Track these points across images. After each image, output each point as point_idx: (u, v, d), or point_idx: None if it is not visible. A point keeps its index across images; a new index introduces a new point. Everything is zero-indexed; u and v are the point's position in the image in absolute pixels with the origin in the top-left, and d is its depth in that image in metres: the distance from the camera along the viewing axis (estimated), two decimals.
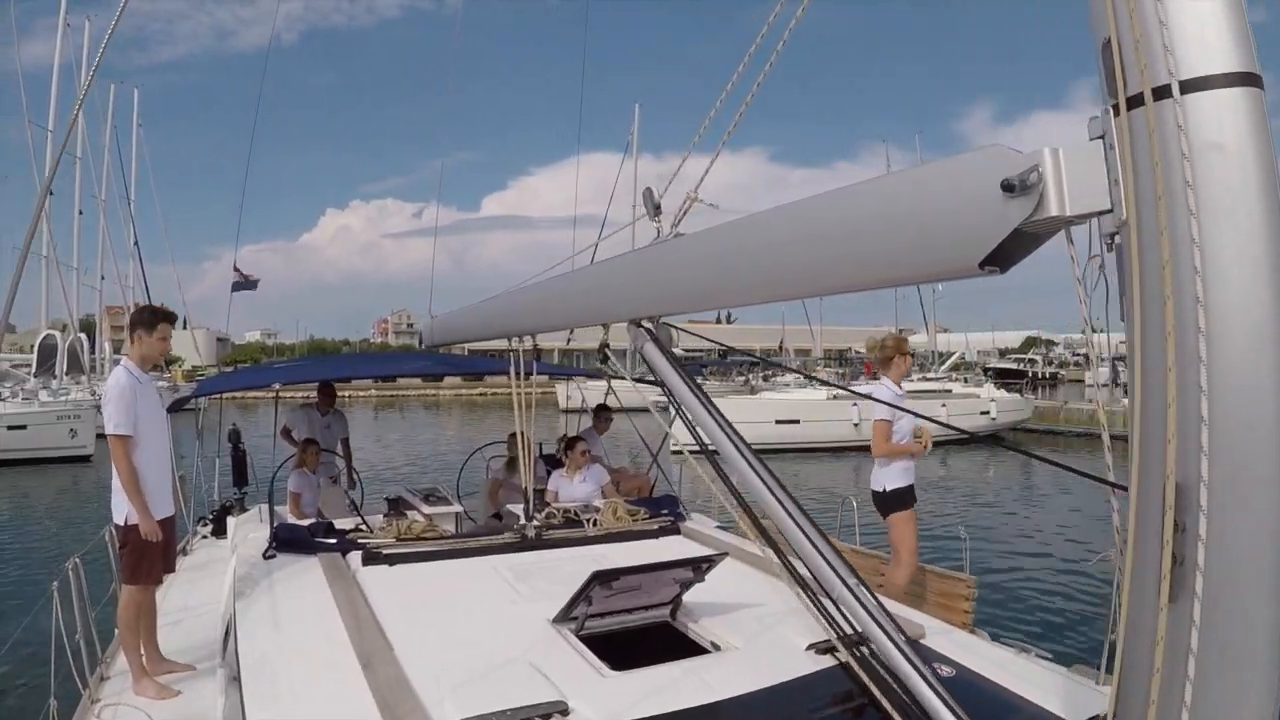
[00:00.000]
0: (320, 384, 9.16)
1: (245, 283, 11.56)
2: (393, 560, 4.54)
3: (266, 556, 4.75)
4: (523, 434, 6.40)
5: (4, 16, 27.64)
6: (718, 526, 5.86)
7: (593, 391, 10.28)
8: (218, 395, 9.44)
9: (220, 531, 7.53)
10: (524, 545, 4.85)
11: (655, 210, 2.70)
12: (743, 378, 33.32)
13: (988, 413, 30.79)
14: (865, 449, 7.28)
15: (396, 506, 6.33)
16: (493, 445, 9.44)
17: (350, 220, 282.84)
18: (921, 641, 3.35)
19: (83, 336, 33.31)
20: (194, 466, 8.91)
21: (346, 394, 52.81)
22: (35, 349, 31.55)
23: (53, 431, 24.71)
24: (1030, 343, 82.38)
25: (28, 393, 26.72)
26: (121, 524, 4.50)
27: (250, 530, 6.12)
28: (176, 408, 6.98)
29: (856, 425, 28.24)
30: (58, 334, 31.51)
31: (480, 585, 4.19)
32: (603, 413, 9.09)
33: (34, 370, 30.47)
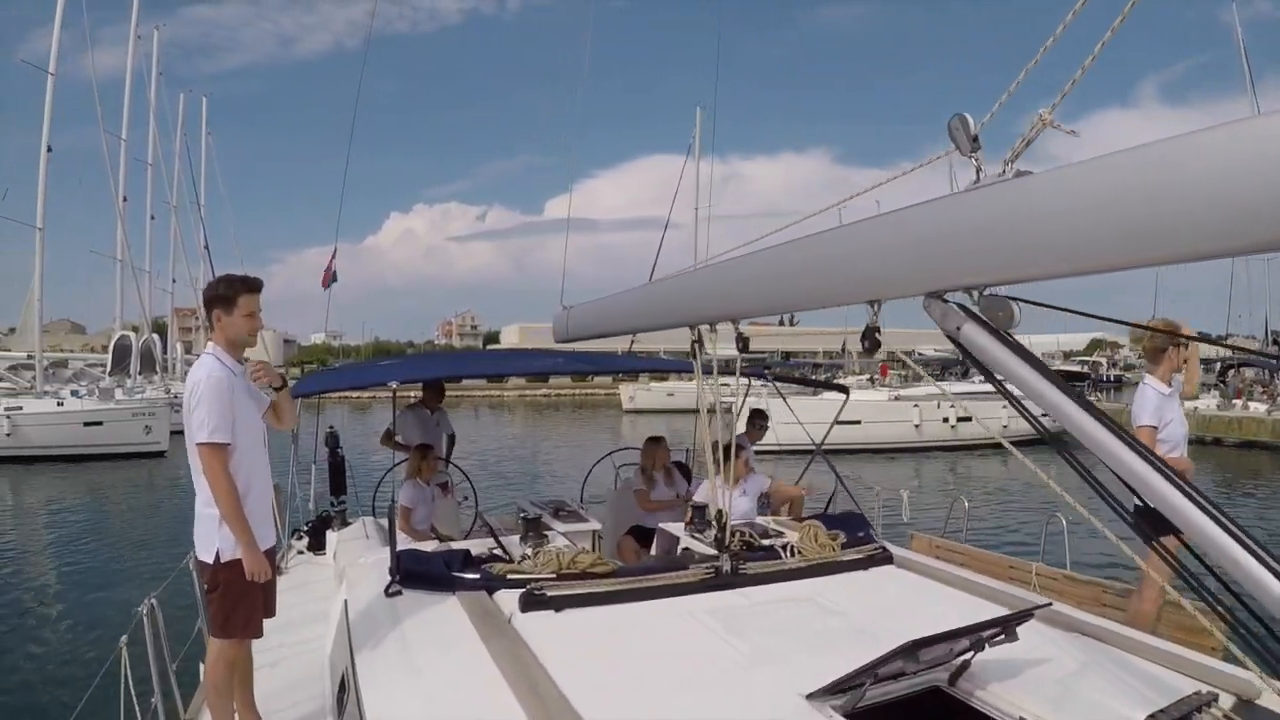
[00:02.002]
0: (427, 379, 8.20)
1: (333, 278, 10.90)
2: (559, 604, 3.51)
3: (389, 593, 3.74)
4: (711, 444, 5.85)
5: (73, 26, 28.00)
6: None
7: (660, 394, 9.55)
8: (318, 395, 7.81)
9: (318, 546, 6.66)
10: (718, 582, 3.80)
11: (972, 143, 1.99)
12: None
13: (1046, 414, 29.87)
14: (925, 450, 6.71)
15: (535, 527, 5.17)
16: (623, 452, 8.57)
17: (414, 224, 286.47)
18: (1258, 703, 2.62)
19: (155, 337, 33.78)
20: (289, 475, 7.65)
21: (411, 393, 52.23)
22: (110, 349, 32.11)
23: (128, 428, 24.93)
24: (1095, 345, 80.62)
25: (104, 391, 27.18)
26: (210, 561, 3.47)
27: (358, 551, 5.24)
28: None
29: (917, 426, 28.23)
30: (132, 334, 32.01)
31: (685, 641, 3.22)
32: (758, 419, 7.91)
33: (109, 369, 30.99)
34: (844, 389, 6.74)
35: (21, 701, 7.31)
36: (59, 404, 25.31)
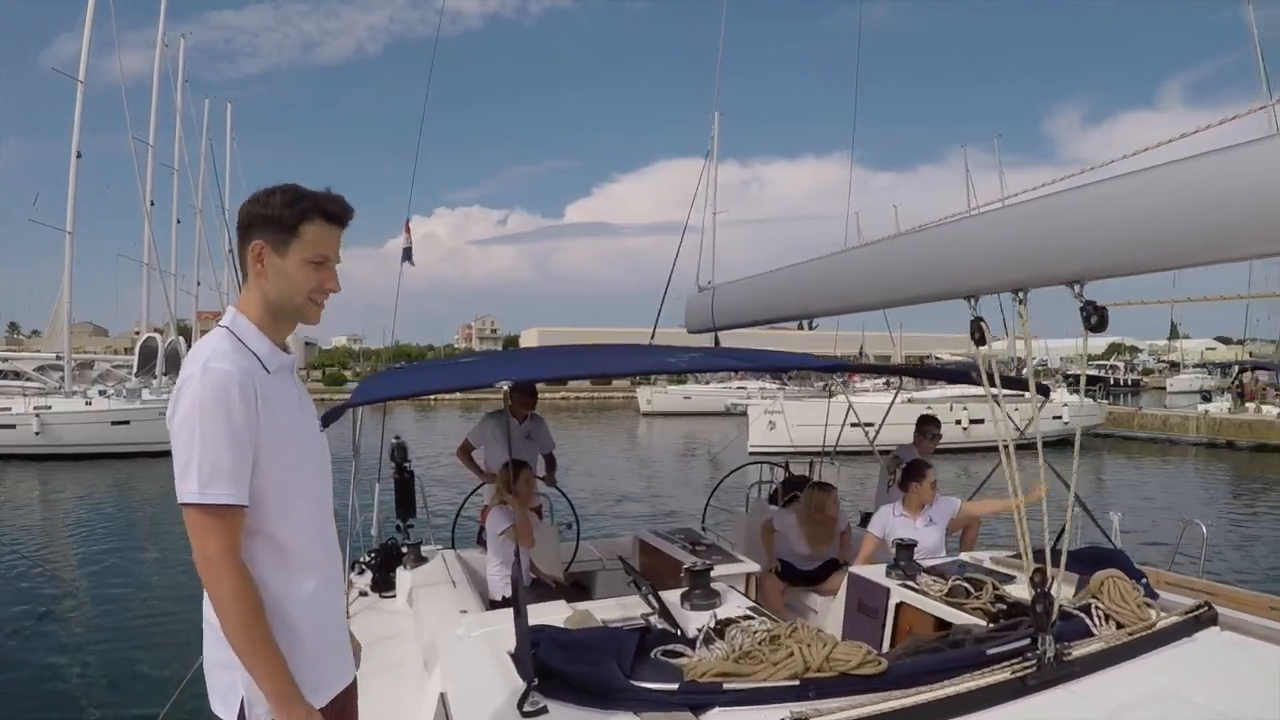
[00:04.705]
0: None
1: (409, 254, 9.61)
2: None
3: (527, 712, 2.38)
4: (891, 461, 5.12)
5: (97, 33, 28.59)
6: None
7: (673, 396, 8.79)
8: (389, 401, 5.53)
9: (385, 585, 5.22)
10: (1041, 679, 2.46)
11: None
12: (821, 382, 33.58)
13: (1059, 416, 30.03)
14: (937, 452, 6.33)
15: (704, 583, 3.66)
16: (749, 467, 7.69)
17: (435, 227, 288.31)
18: None
19: (180, 339, 34.42)
20: (349, 495, 5.99)
21: (432, 400, 52.32)
22: (136, 350, 32.75)
23: (153, 427, 25.18)
24: (1114, 349, 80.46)
25: (130, 391, 27.75)
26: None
27: (447, 609, 4.03)
28: (328, 421, 4.48)
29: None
30: (158, 336, 32.61)
31: None
32: (930, 426, 6.55)
33: (135, 370, 31.59)
34: (1045, 389, 5.79)
35: None
36: (87, 403, 25.73)
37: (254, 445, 1.83)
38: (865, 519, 6.50)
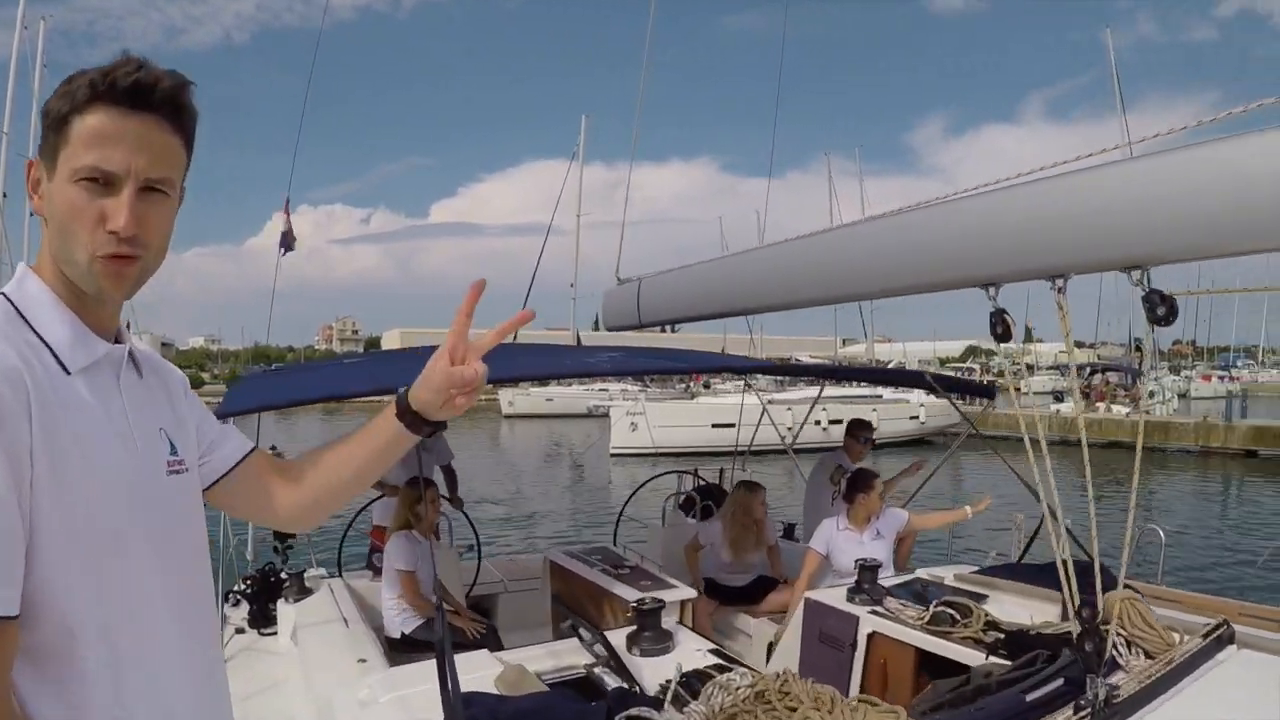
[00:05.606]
0: None
1: (287, 240, 8.91)
2: None
3: None
4: (838, 472, 4.94)
5: None
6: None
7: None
8: (275, 409, 4.58)
9: (264, 621, 4.47)
10: None
11: None
12: (683, 384, 33.82)
13: (916, 417, 30.95)
14: (798, 452, 6.52)
15: (654, 623, 3.14)
16: (670, 475, 7.34)
17: (296, 226, 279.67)
18: None
19: None
20: (220, 520, 4.97)
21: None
22: None
23: None
24: (970, 352, 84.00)
25: None
26: None
27: (340, 657, 3.35)
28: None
29: (790, 429, 29.00)
30: None
31: None
32: (861, 430, 6.11)
33: None
34: (990, 392, 5.72)
35: None
36: None
37: (28, 505, 0.96)
38: (789, 530, 6.47)
